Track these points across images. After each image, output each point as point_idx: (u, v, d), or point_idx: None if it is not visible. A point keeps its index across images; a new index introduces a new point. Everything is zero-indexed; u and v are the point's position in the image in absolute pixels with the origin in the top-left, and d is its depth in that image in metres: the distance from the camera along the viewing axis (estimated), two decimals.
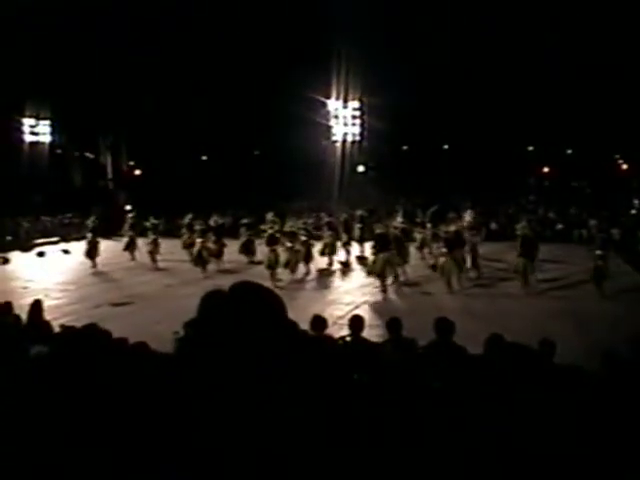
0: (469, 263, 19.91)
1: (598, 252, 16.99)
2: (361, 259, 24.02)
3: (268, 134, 38.23)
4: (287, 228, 21.52)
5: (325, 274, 21.50)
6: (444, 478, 3.45)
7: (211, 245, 22.24)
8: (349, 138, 38.65)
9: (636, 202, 31.73)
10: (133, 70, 33.42)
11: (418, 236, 23.62)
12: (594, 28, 30.09)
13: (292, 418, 1.98)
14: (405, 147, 42.77)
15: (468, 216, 22.05)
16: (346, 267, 22.92)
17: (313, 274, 21.19)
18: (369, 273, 18.59)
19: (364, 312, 12.72)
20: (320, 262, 22.34)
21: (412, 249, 22.09)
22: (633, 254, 22.79)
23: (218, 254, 22.36)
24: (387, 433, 3.49)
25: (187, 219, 24.34)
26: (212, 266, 21.81)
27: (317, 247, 22.36)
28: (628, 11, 29.20)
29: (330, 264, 22.60)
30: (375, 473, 2.74)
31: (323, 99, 37.42)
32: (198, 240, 21.94)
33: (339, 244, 23.58)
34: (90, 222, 24.50)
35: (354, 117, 38.28)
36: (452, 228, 19.23)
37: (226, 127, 37.79)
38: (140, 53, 32.94)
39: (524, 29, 31.43)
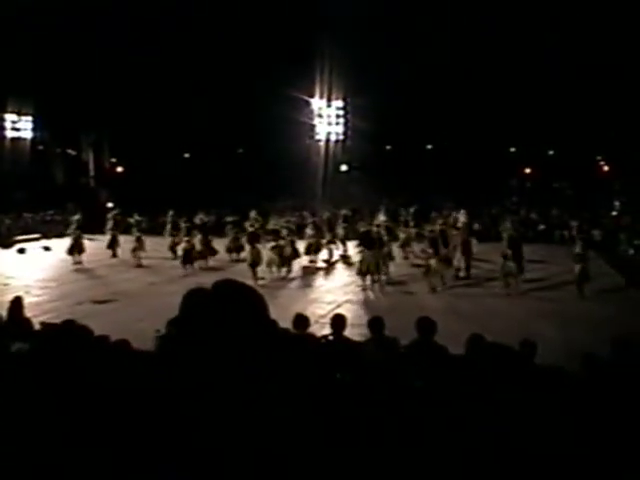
0: (459, 262, 20.04)
1: (578, 251, 17.06)
2: (345, 258, 24.07)
3: (252, 132, 38.14)
4: (270, 226, 21.51)
5: (308, 272, 21.52)
6: (426, 478, 3.46)
7: (198, 245, 22.19)
8: (333, 137, 38.70)
9: (617, 204, 32.01)
10: (116, 67, 33.28)
11: (401, 235, 23.71)
12: (578, 29, 30.30)
13: (275, 417, 1.98)
14: (389, 147, 42.81)
15: (462, 216, 22.14)
16: (330, 266, 22.96)
17: (296, 272, 21.19)
18: (359, 273, 18.55)
19: (346, 311, 12.69)
20: (303, 261, 22.37)
21: (395, 248, 22.15)
22: (614, 255, 23.00)
23: (206, 254, 22.30)
24: (369, 433, 3.49)
25: (169, 217, 24.29)
26: (196, 264, 21.78)
27: (300, 245, 22.36)
28: (606, 13, 29.47)
29: (314, 262, 22.63)
30: (358, 473, 2.74)
31: (307, 98, 37.44)
32: (184, 239, 21.91)
33: (323, 243, 23.61)
34: (75, 219, 24.35)
35: (338, 116, 38.34)
36: (437, 227, 19.31)
37: (209, 125, 37.67)
38: (124, 50, 32.81)
39: (507, 29, 31.56)
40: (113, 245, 24.63)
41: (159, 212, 28.77)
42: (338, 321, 8.41)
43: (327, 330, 8.81)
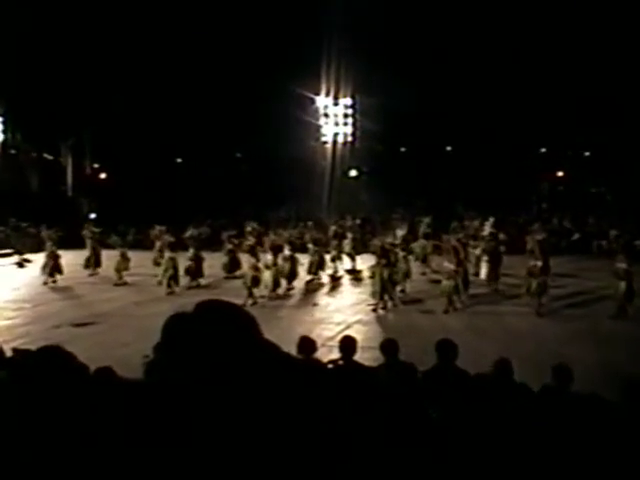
0: (484, 274, 19.95)
1: (622, 266, 16.75)
2: (353, 273, 24.05)
3: (250, 134, 38.21)
4: (269, 241, 21.39)
5: (312, 290, 21.52)
6: None
7: (188, 262, 22.08)
8: (340, 139, 38.82)
9: None
10: (98, 63, 33.37)
11: (417, 249, 23.65)
12: (608, 24, 30.33)
13: (276, 451, 1.96)
14: (403, 149, 42.84)
15: (489, 226, 22.11)
16: (335, 281, 22.97)
17: (299, 290, 21.17)
18: (373, 293, 18.46)
19: (356, 333, 12.68)
20: (306, 276, 22.39)
21: (411, 262, 22.09)
22: None
23: (196, 272, 22.18)
24: (381, 467, 3.46)
25: (157, 230, 24.29)
26: (183, 281, 21.69)
27: (303, 260, 22.31)
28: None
29: (318, 279, 22.68)
30: None
31: (312, 95, 37.54)
32: (167, 255, 21.69)
33: (328, 258, 23.60)
34: (51, 233, 24.34)
35: (346, 115, 38.48)
36: (455, 239, 19.27)
37: (203, 126, 37.69)
38: (106, 41, 32.90)
39: (532, 21, 31.62)
40: (94, 262, 24.63)
41: (148, 224, 28.72)
42: (348, 344, 8.36)
43: (335, 354, 8.78)
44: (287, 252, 21.20)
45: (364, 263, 22.90)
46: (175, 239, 22.36)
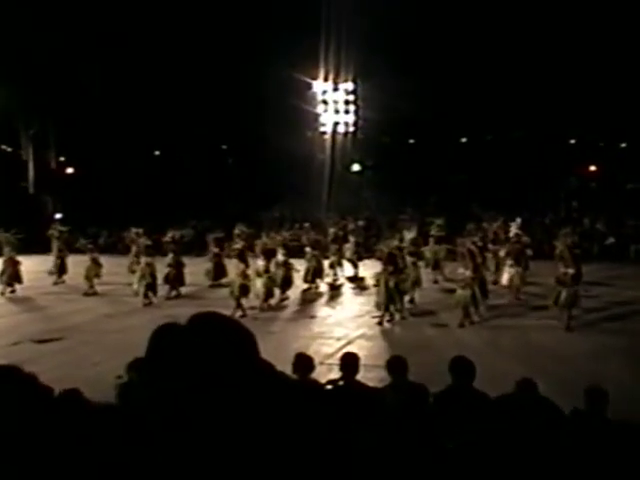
0: (506, 280, 19.95)
1: None
2: (355, 281, 24.07)
3: (238, 124, 38.20)
4: (261, 245, 21.36)
5: (309, 300, 21.54)
6: None
7: (168, 268, 22.05)
8: (341, 129, 38.80)
9: None
10: (66, 41, 33.28)
11: (428, 254, 23.63)
12: None
13: None
14: (412, 140, 42.86)
15: (515, 227, 22.17)
16: (334, 290, 23.00)
17: (294, 300, 21.19)
18: (378, 304, 18.45)
19: (359, 349, 12.69)
20: (301, 285, 22.41)
21: (421, 269, 22.06)
22: None
23: (176, 280, 22.14)
24: None
25: (132, 233, 24.22)
26: (163, 290, 21.68)
27: (298, 266, 22.27)
28: None
29: (315, 288, 22.69)
30: None
31: (308, 80, 37.50)
32: (144, 260, 21.62)
33: (326, 265, 23.58)
34: (9, 236, 24.27)
35: (347, 102, 38.46)
36: (471, 242, 19.25)
37: (184, 114, 37.59)
38: (73, 21, 32.84)
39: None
40: (60, 268, 24.58)
41: (123, 225, 28.62)
42: (349, 362, 8.36)
43: (335, 374, 8.77)
44: (281, 257, 21.18)
45: (368, 270, 22.84)
46: (153, 243, 22.35)
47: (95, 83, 35.40)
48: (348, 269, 25.05)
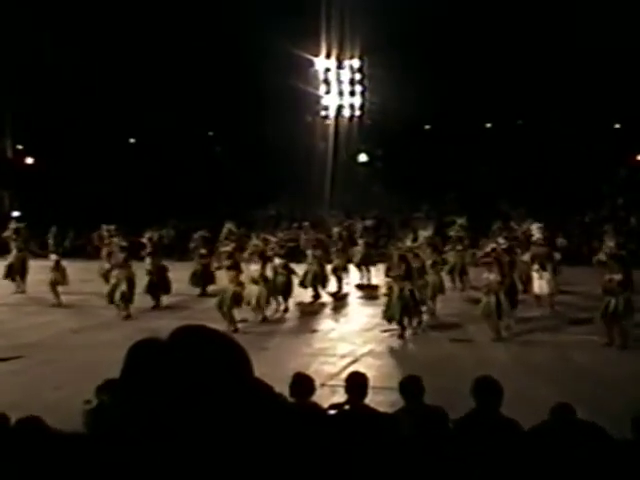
0: (537, 288, 19.94)
1: None
2: (364, 289, 24.09)
3: (228, 108, 38.10)
4: (252, 247, 21.36)
5: (310, 312, 21.56)
6: None
7: (147, 275, 22.01)
8: (346, 113, 38.83)
9: None
10: (24, 15, 33.37)
11: (450, 258, 23.62)
12: None
13: None
14: (428, 126, 42.76)
15: (537, 231, 22.13)
16: (339, 300, 23.02)
17: (292, 311, 21.23)
18: (387, 319, 18.42)
19: (368, 368, 12.64)
20: (302, 294, 22.41)
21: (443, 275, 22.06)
22: None
23: (157, 289, 22.10)
24: None
25: (104, 231, 24.22)
26: (143, 300, 21.69)
27: (298, 271, 22.32)
28: None
29: (317, 297, 22.68)
30: None
31: (309, 56, 37.53)
32: (118, 265, 21.55)
33: (329, 269, 23.57)
34: None
35: (353, 82, 38.47)
36: (497, 243, 19.24)
37: (164, 96, 37.48)
38: None
39: None
40: (17, 274, 24.56)
41: (91, 224, 28.55)
42: (356, 383, 8.37)
43: (340, 397, 8.78)
44: (278, 261, 21.15)
45: (378, 276, 22.87)
46: (129, 244, 22.31)
47: (58, 61, 35.32)
48: (354, 275, 25.06)
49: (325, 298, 22.89)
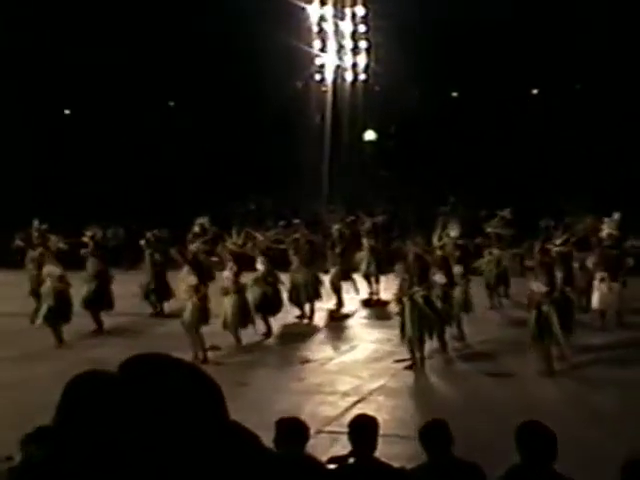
0: (596, 302, 20.03)
1: None
2: (371, 306, 24.23)
3: (196, 70, 38.21)
4: (229, 246, 21.48)
5: (300, 334, 21.76)
6: None
7: (88, 286, 22.10)
8: (348, 77, 38.96)
9: None
10: None
11: (485, 265, 23.70)
12: None
13: None
14: (455, 94, 42.80)
15: (609, 225, 22.21)
16: (341, 321, 23.20)
17: (278, 334, 21.40)
18: (405, 339, 18.46)
19: (377, 410, 12.76)
20: (292, 312, 22.61)
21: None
22: None
23: (99, 305, 22.17)
24: None
25: (34, 230, 24.25)
26: (81, 320, 21.69)
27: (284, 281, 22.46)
28: None
29: (310, 315, 22.91)
30: None
31: (300, 3, 37.68)
32: (50, 275, 21.57)
33: (327, 279, 23.69)
34: None
35: (356, 37, 38.57)
36: (546, 246, 19.31)
37: (109, 53, 37.66)
38: None
39: None
40: None
41: (15, 222, 28.59)
42: (363, 429, 8.35)
43: (343, 447, 8.78)
44: (261, 266, 21.20)
45: (390, 288, 22.88)
46: (65, 247, 22.38)
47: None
48: (361, 287, 25.19)
49: (319, 318, 22.96)
